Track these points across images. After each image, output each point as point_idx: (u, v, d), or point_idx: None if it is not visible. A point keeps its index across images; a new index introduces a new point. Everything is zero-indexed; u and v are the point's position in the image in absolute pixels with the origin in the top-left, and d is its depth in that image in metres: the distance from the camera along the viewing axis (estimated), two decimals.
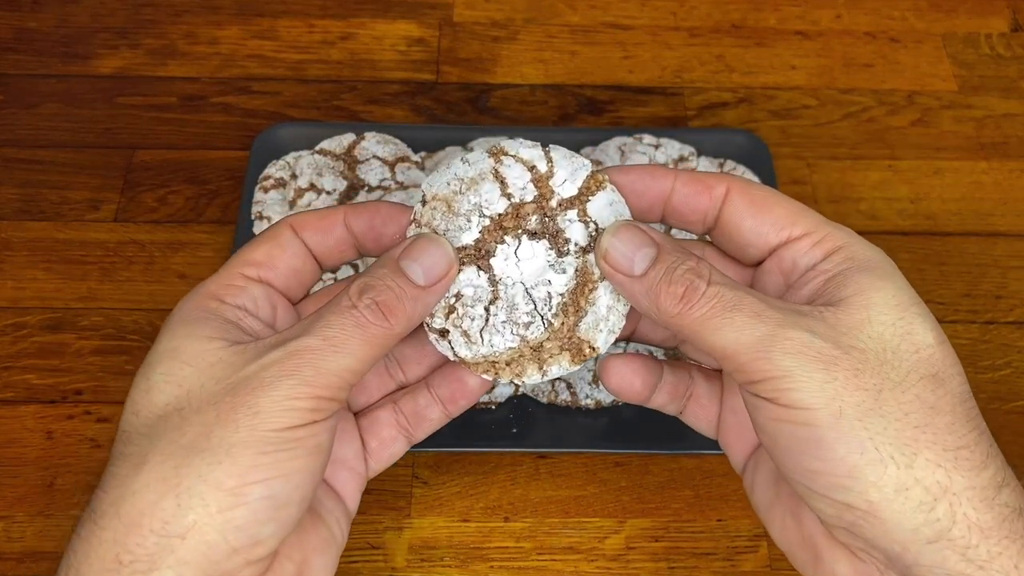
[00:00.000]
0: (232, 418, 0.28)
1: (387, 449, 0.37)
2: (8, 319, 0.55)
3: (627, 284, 0.31)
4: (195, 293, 0.33)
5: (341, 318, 0.30)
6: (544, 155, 0.33)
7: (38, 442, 0.50)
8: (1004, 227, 0.61)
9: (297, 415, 0.29)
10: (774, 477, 0.34)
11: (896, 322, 0.30)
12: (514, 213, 0.33)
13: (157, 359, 0.31)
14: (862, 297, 0.30)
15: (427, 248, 0.32)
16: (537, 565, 0.48)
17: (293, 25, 0.69)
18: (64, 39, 0.68)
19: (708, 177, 0.33)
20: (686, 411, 0.37)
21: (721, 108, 0.66)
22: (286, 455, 0.29)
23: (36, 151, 0.62)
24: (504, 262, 0.33)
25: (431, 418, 0.37)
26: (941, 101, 0.67)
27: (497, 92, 0.66)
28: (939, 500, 0.28)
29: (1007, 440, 0.52)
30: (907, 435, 0.28)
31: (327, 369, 0.29)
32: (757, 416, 0.30)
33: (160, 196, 0.60)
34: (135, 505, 0.28)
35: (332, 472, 0.36)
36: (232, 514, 0.28)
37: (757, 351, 0.29)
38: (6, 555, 0.47)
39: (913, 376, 0.29)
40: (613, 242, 0.32)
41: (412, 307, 0.31)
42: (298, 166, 0.58)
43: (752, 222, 0.33)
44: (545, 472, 0.51)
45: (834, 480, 0.28)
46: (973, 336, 0.56)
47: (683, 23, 0.71)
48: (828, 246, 0.32)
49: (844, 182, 0.63)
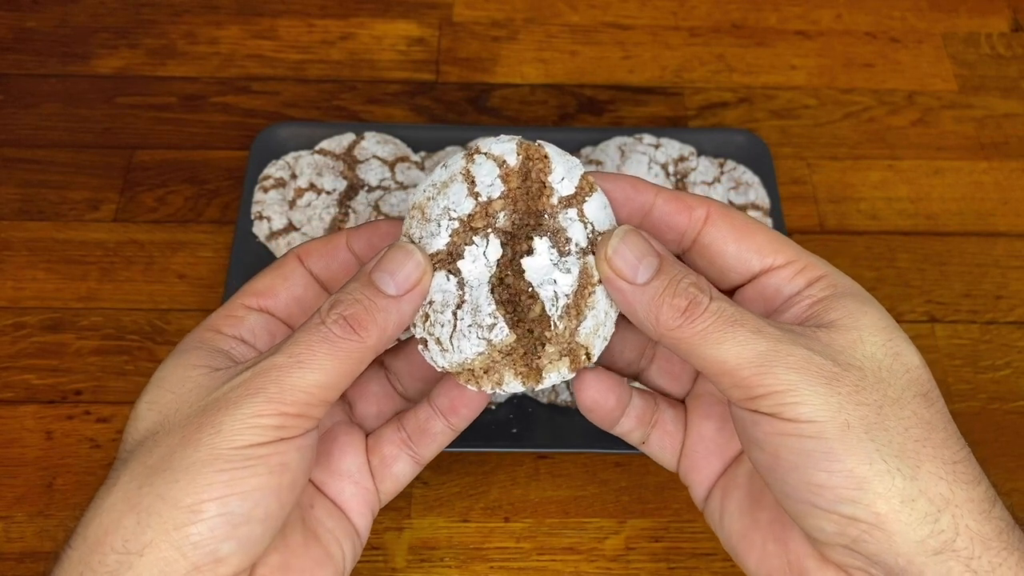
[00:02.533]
0: (195, 438, 0.29)
1: (389, 467, 0.36)
2: (8, 319, 0.55)
3: (628, 292, 0.31)
4: (198, 326, 0.34)
5: (309, 335, 0.30)
6: (515, 149, 0.32)
7: (37, 442, 0.50)
8: (1004, 227, 0.61)
9: (260, 432, 0.29)
10: (749, 503, 0.34)
11: (886, 343, 0.31)
12: (482, 212, 0.32)
13: (146, 389, 0.32)
14: (851, 319, 0.31)
15: (395, 257, 0.31)
16: (537, 565, 0.48)
17: (293, 25, 0.69)
18: (64, 39, 0.68)
19: (689, 197, 0.34)
20: (651, 439, 0.37)
21: (721, 108, 0.66)
22: (244, 472, 0.28)
23: (36, 151, 0.62)
24: (472, 264, 0.32)
25: (434, 432, 0.36)
26: (941, 101, 0.67)
27: (497, 92, 0.66)
28: (943, 512, 0.28)
29: (1007, 440, 0.52)
30: (909, 448, 0.29)
31: (292, 385, 0.29)
32: (756, 432, 0.30)
33: (160, 196, 0.60)
34: (100, 525, 0.28)
35: (337, 485, 0.35)
36: (188, 531, 0.28)
37: (760, 365, 0.29)
38: (6, 555, 0.47)
39: (908, 394, 0.30)
40: (620, 247, 0.31)
41: (384, 318, 0.30)
42: (298, 166, 0.58)
43: (735, 247, 0.33)
44: (545, 472, 0.50)
45: (841, 493, 0.28)
46: (973, 336, 0.56)
47: (683, 23, 0.71)
48: (810, 275, 0.33)
49: (844, 182, 0.63)
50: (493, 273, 0.32)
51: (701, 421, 0.36)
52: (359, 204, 0.57)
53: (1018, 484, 0.51)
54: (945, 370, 0.55)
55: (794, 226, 0.60)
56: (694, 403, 0.37)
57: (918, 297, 0.57)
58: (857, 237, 0.60)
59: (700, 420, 0.36)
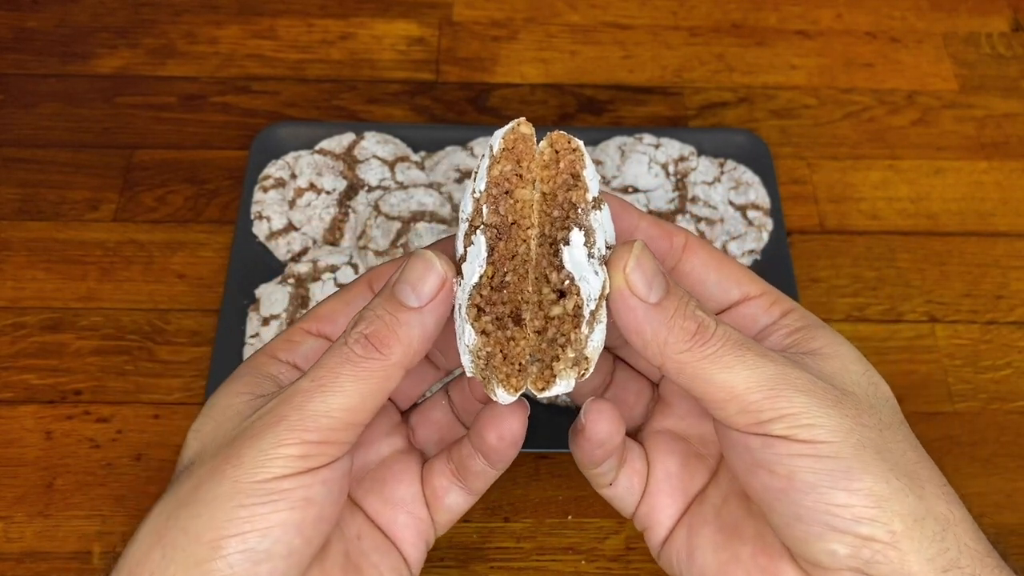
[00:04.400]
0: (220, 470, 0.28)
1: (441, 499, 0.34)
2: (7, 319, 0.55)
3: (640, 311, 0.29)
4: (257, 351, 0.34)
5: (332, 357, 0.29)
6: (510, 133, 0.31)
7: (37, 442, 0.50)
8: (1005, 227, 0.61)
9: (282, 464, 0.28)
10: (724, 538, 0.33)
11: (864, 372, 0.32)
12: (477, 209, 0.30)
13: (197, 416, 0.32)
14: (832, 349, 0.32)
15: (415, 267, 0.30)
16: (537, 566, 0.48)
17: (293, 24, 0.69)
18: (63, 39, 0.68)
19: (668, 225, 0.34)
20: (619, 479, 0.35)
21: (721, 108, 0.66)
22: (265, 508, 0.28)
23: (35, 151, 0.62)
24: (468, 265, 0.30)
25: (475, 470, 0.34)
26: (942, 101, 0.67)
27: (497, 92, 0.66)
28: (947, 531, 0.29)
29: (1008, 440, 0.52)
30: (911, 469, 0.29)
31: (315, 411, 0.28)
32: (766, 456, 0.29)
33: (159, 196, 0.60)
34: (133, 556, 0.28)
35: (389, 515, 0.34)
36: (209, 567, 0.27)
37: (771, 389, 0.29)
38: (5, 555, 0.47)
39: (895, 420, 0.31)
40: (640, 262, 0.29)
41: (407, 332, 0.29)
42: (298, 166, 0.58)
43: (716, 276, 0.34)
44: (545, 472, 0.50)
45: (860, 511, 0.28)
46: (974, 336, 0.56)
47: (683, 22, 0.71)
48: (783, 307, 0.34)
49: (845, 182, 0.63)
50: (483, 273, 0.30)
51: (665, 457, 0.35)
52: (359, 204, 0.57)
53: (1019, 484, 0.51)
54: (945, 370, 0.54)
55: (794, 226, 0.60)
56: (654, 440, 0.36)
57: (918, 297, 0.57)
58: (857, 237, 0.60)
59: (664, 456, 0.35)
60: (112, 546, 0.47)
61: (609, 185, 0.59)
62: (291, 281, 0.54)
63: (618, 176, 0.59)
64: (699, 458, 0.36)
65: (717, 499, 0.35)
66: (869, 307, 0.57)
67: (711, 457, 0.36)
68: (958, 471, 0.51)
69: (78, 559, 0.47)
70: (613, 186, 0.58)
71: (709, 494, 0.35)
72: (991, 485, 0.51)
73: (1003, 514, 0.50)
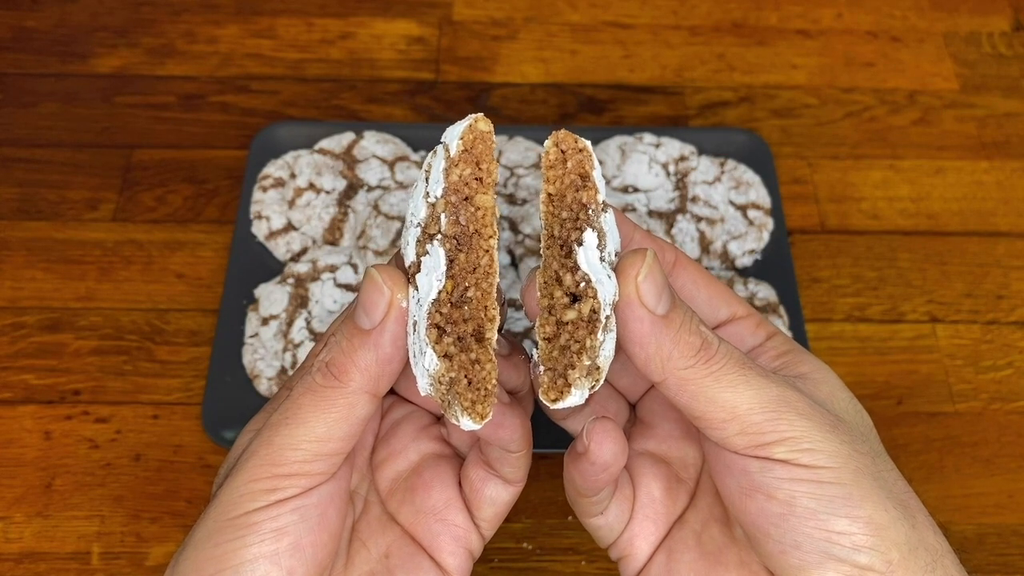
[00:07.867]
0: (206, 511, 0.29)
1: (480, 492, 0.33)
2: (6, 319, 0.54)
3: (648, 322, 0.28)
4: None
5: (298, 387, 0.29)
6: (453, 133, 0.28)
7: (36, 442, 0.50)
8: (1006, 227, 0.61)
9: (251, 499, 0.28)
10: (705, 564, 0.32)
11: (850, 400, 0.32)
12: (433, 216, 0.28)
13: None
14: (819, 374, 0.32)
15: (365, 287, 0.28)
16: (537, 566, 0.47)
17: (292, 24, 0.69)
18: (62, 38, 0.68)
19: (659, 240, 0.34)
20: (610, 507, 0.34)
21: (722, 107, 0.66)
22: (236, 544, 0.28)
23: (34, 150, 0.62)
24: (425, 278, 0.27)
25: (493, 454, 0.33)
26: (943, 100, 0.67)
27: (497, 91, 0.66)
28: (937, 561, 0.28)
29: (1008, 441, 0.52)
30: (902, 499, 0.29)
31: (281, 444, 0.28)
32: (765, 480, 0.28)
33: (158, 195, 0.60)
34: None
35: (423, 525, 0.33)
36: None
37: (773, 411, 0.28)
38: (5, 556, 0.47)
39: (880, 448, 0.31)
40: (652, 271, 0.28)
41: (363, 356, 0.28)
42: (297, 165, 0.58)
43: (706, 294, 0.33)
44: (545, 472, 0.50)
45: (859, 539, 0.28)
46: (975, 336, 0.56)
47: (684, 22, 0.71)
48: (768, 329, 0.34)
49: (845, 181, 0.62)
50: (443, 288, 0.27)
51: (649, 481, 0.34)
52: (358, 204, 0.57)
53: (1020, 485, 0.51)
54: (946, 370, 0.54)
55: (795, 226, 0.60)
56: (637, 463, 0.35)
57: (919, 297, 0.57)
58: (858, 237, 0.60)
59: (648, 480, 0.34)
60: (111, 546, 0.47)
61: (609, 185, 0.58)
62: (290, 281, 0.54)
63: (618, 175, 0.58)
64: (679, 481, 0.35)
65: (697, 524, 0.34)
66: (870, 307, 0.57)
67: (691, 480, 0.35)
68: (959, 471, 0.51)
69: (77, 559, 0.47)
70: (614, 185, 0.58)
71: (688, 519, 0.34)
72: (992, 485, 0.51)
73: (1004, 514, 0.50)
